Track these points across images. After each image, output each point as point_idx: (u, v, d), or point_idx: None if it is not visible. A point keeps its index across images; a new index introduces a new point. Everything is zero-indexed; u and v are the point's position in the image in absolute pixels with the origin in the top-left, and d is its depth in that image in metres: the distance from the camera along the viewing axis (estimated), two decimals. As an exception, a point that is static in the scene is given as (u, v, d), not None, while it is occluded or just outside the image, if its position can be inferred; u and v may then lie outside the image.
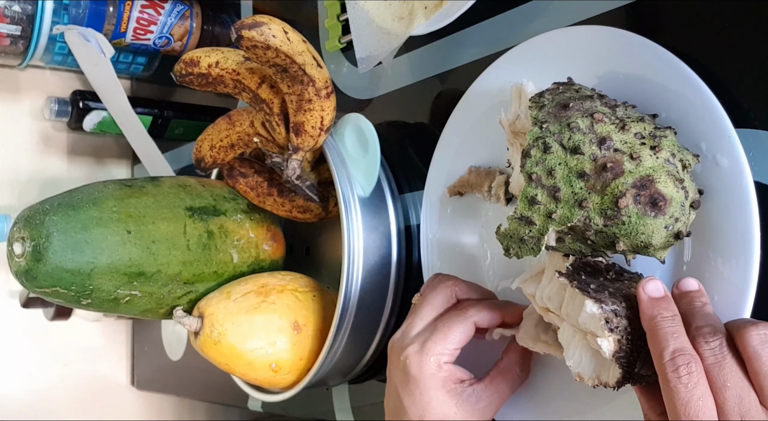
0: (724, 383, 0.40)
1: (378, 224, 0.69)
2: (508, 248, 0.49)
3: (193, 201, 0.73)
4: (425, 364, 0.52)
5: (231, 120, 0.75)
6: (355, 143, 0.70)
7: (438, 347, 0.53)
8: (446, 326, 0.53)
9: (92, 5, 0.96)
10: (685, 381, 0.40)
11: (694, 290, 0.45)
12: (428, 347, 0.53)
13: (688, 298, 0.45)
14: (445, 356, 0.53)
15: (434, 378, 0.52)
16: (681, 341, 0.41)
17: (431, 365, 0.52)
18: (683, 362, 0.40)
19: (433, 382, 0.52)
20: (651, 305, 0.43)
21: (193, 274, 0.71)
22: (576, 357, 0.47)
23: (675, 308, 0.43)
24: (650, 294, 0.44)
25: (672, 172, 0.45)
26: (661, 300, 0.44)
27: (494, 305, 0.56)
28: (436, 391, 0.52)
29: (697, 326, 0.42)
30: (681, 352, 0.41)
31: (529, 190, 0.47)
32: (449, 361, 0.53)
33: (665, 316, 0.43)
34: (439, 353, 0.53)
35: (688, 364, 0.40)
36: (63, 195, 0.68)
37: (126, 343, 1.27)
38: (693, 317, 0.43)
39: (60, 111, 1.04)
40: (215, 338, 0.67)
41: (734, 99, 0.48)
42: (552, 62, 0.55)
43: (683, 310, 0.44)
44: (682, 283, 0.46)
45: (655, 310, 0.43)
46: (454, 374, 0.53)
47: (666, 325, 0.42)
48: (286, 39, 0.63)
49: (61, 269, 0.64)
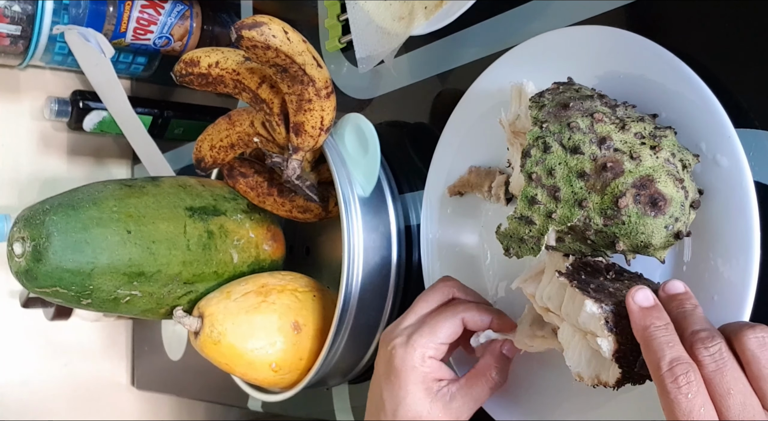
0: (728, 390, 0.39)
1: (378, 224, 0.69)
2: (508, 247, 0.49)
3: (193, 201, 0.73)
4: (409, 356, 0.53)
5: (231, 120, 0.75)
6: (355, 143, 0.70)
7: (423, 340, 0.53)
8: (435, 320, 0.54)
9: (92, 5, 0.96)
10: (685, 391, 0.39)
11: (681, 292, 0.44)
12: (414, 339, 0.53)
13: (677, 301, 0.44)
14: (430, 349, 0.53)
15: (415, 372, 0.52)
16: (677, 350, 0.40)
17: (415, 358, 0.52)
18: (681, 371, 0.39)
19: (414, 376, 0.52)
20: (642, 315, 0.43)
21: (193, 274, 0.71)
22: (576, 357, 0.47)
23: (666, 317, 0.43)
24: (640, 304, 0.43)
25: (672, 172, 0.45)
26: (652, 309, 0.43)
27: (485, 307, 0.56)
28: (414, 385, 0.52)
29: (692, 331, 0.41)
30: (678, 361, 0.40)
31: (529, 190, 0.47)
32: (434, 356, 0.53)
33: (658, 325, 0.42)
34: (423, 346, 0.53)
35: (687, 373, 0.39)
36: (63, 195, 0.68)
37: (126, 343, 1.27)
38: (686, 321, 0.42)
39: (60, 111, 1.04)
40: (215, 338, 0.67)
41: (734, 99, 0.48)
42: (552, 62, 0.55)
43: (674, 315, 0.43)
44: (668, 286, 0.45)
45: (647, 320, 0.42)
46: (436, 371, 0.53)
47: (660, 335, 0.41)
48: (286, 39, 0.63)
49: (61, 269, 0.64)
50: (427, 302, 0.56)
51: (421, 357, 0.53)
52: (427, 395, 0.52)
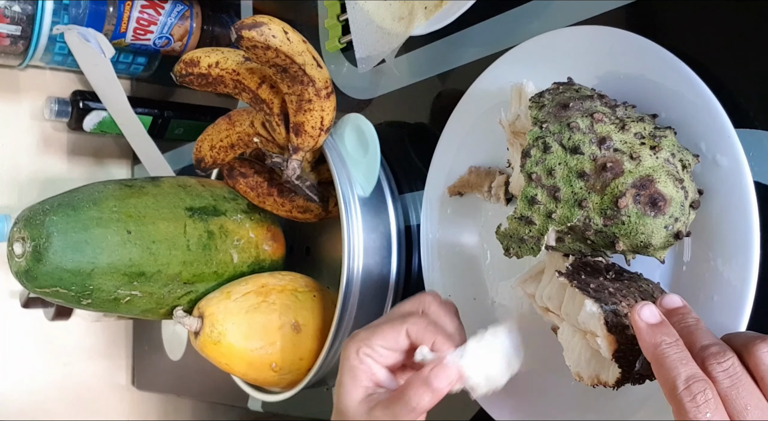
0: (745, 406, 0.38)
1: (378, 224, 0.69)
2: (508, 247, 0.49)
3: (193, 201, 0.73)
4: (347, 348, 0.53)
5: (231, 120, 0.75)
6: (355, 143, 0.70)
7: (361, 335, 0.53)
8: (382, 323, 0.54)
9: (92, 5, 0.96)
10: (704, 410, 0.38)
11: (680, 306, 0.44)
12: (359, 336, 0.53)
13: (678, 316, 0.43)
14: (366, 347, 0.52)
15: (353, 368, 0.52)
16: (691, 368, 0.39)
17: (350, 350, 0.53)
18: (699, 389, 0.38)
19: (352, 372, 0.52)
20: (651, 333, 0.41)
21: (193, 274, 0.71)
22: (575, 357, 0.47)
23: (675, 333, 0.41)
24: (647, 321, 0.42)
25: (672, 172, 0.45)
26: (660, 326, 0.42)
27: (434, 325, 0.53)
28: (352, 380, 0.52)
29: (702, 346, 0.40)
30: (695, 379, 0.38)
31: (529, 190, 0.47)
32: (370, 355, 0.52)
33: (669, 342, 0.41)
34: (360, 341, 0.53)
35: (704, 391, 0.38)
36: (63, 195, 0.68)
37: (126, 343, 1.27)
38: (692, 336, 0.41)
39: (60, 111, 1.04)
40: (215, 338, 0.67)
41: (734, 99, 0.48)
42: (552, 62, 0.55)
43: (677, 330, 0.42)
44: (666, 301, 0.44)
45: (657, 337, 0.41)
46: (374, 373, 0.53)
47: (672, 352, 0.40)
48: (286, 39, 0.63)
49: (62, 269, 0.64)
50: (398, 310, 0.56)
51: (355, 351, 0.53)
52: (358, 393, 0.52)
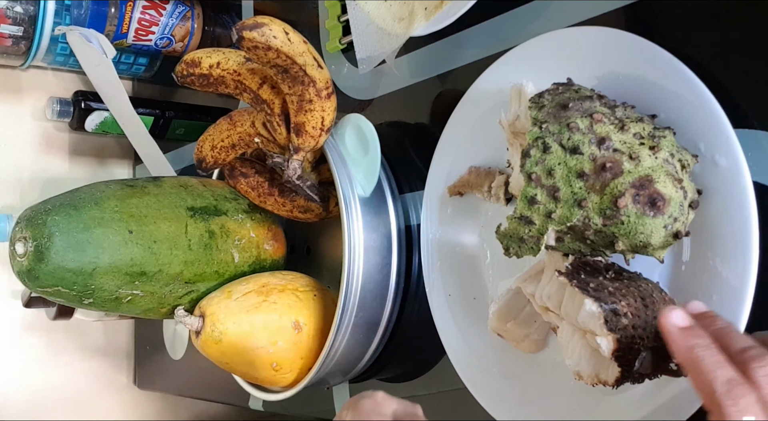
0: None
1: (378, 224, 0.69)
2: (508, 247, 0.50)
3: (194, 201, 0.73)
4: None
5: (232, 120, 0.75)
6: (355, 143, 0.70)
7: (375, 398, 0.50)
8: None
9: (94, 6, 0.96)
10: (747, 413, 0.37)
11: (706, 311, 0.43)
12: None
13: (708, 319, 0.42)
14: None
15: None
16: (729, 370, 0.38)
17: None
18: (740, 393, 0.37)
19: None
20: (683, 336, 0.40)
21: (195, 273, 0.71)
22: (575, 356, 0.48)
23: (707, 336, 0.40)
24: (678, 324, 0.41)
25: (671, 172, 0.45)
26: (692, 329, 0.41)
27: None
28: None
29: (739, 349, 0.39)
30: (736, 382, 0.37)
31: (529, 190, 0.47)
32: None
33: (702, 345, 0.39)
34: None
35: (746, 395, 0.37)
36: (65, 195, 0.69)
37: (127, 342, 1.27)
38: (727, 339, 0.40)
39: (62, 111, 1.04)
40: (216, 338, 0.67)
41: (733, 99, 0.48)
42: (552, 63, 0.55)
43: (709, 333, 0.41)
44: (691, 307, 0.43)
45: (690, 340, 0.40)
46: None
47: (708, 355, 0.39)
48: (287, 40, 0.63)
49: (63, 268, 0.64)
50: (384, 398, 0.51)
51: None
52: None
